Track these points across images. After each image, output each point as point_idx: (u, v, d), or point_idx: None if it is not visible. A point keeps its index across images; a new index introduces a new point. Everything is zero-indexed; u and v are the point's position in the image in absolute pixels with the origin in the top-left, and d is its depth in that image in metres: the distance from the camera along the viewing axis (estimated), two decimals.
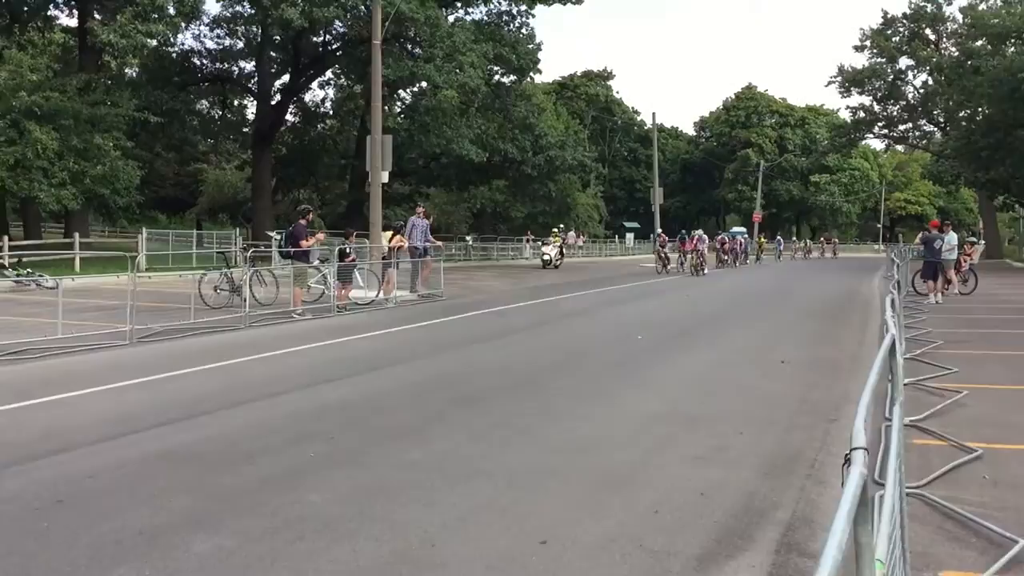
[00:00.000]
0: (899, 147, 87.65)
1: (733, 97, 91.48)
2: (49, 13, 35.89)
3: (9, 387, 8.81)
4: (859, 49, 59.11)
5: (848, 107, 65.31)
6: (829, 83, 60.85)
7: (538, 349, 12.96)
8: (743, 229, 66.14)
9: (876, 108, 61.60)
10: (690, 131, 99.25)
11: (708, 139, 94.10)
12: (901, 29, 57.07)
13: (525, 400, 8.75)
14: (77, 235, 27.72)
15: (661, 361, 11.63)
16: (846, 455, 2.01)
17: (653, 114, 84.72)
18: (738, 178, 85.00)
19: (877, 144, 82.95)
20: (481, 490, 5.73)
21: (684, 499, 5.55)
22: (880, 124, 62.76)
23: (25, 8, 33.68)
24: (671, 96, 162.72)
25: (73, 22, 35.14)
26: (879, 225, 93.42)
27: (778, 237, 56.33)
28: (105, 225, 48.82)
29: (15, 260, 21.91)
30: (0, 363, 10.34)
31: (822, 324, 16.76)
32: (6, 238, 25.40)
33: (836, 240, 72.40)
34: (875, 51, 58.20)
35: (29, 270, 21.37)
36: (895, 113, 61.54)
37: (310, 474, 6.05)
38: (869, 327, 16.03)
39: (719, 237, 46.71)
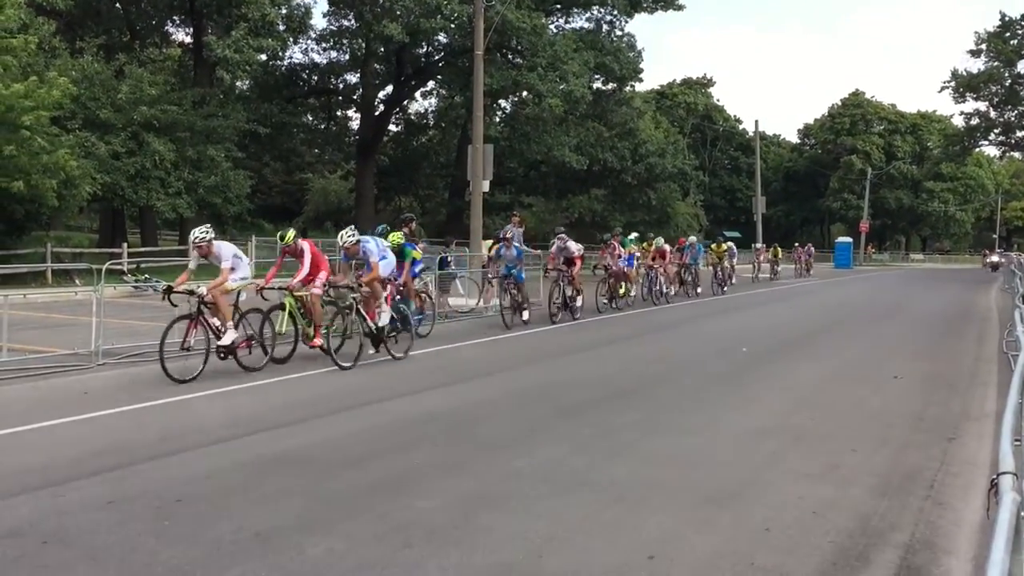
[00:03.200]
0: (1016, 154, 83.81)
1: (839, 103, 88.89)
2: (166, 30, 37.58)
3: (129, 389, 9.19)
4: (975, 54, 56.74)
5: (962, 113, 61.92)
6: (942, 88, 58.59)
7: (639, 360, 12.83)
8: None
9: (992, 114, 59.05)
10: (793, 139, 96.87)
11: (812, 147, 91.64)
12: (1020, 32, 54.59)
13: (628, 412, 8.66)
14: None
15: (766, 374, 11.37)
16: (992, 480, 1.90)
17: (756, 122, 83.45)
18: (843, 186, 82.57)
19: (992, 151, 79.57)
20: (587, 502, 5.69)
21: (795, 517, 5.40)
22: (997, 131, 60.14)
23: (143, 25, 35.28)
24: (774, 103, 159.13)
25: (188, 38, 36.66)
26: (995, 236, 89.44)
27: (691, 239, 27.93)
28: (216, 233, 50.49)
29: (133, 266, 22.87)
30: (121, 366, 10.79)
31: (935, 338, 16.13)
32: (125, 245, 26.57)
33: (812, 250, 47.16)
34: (992, 55, 55.79)
35: (146, 276, 22.27)
36: (1013, 119, 58.86)
37: (416, 481, 6.11)
38: (986, 342, 15.34)
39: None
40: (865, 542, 5.02)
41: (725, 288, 27.88)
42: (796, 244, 47.09)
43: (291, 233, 11.73)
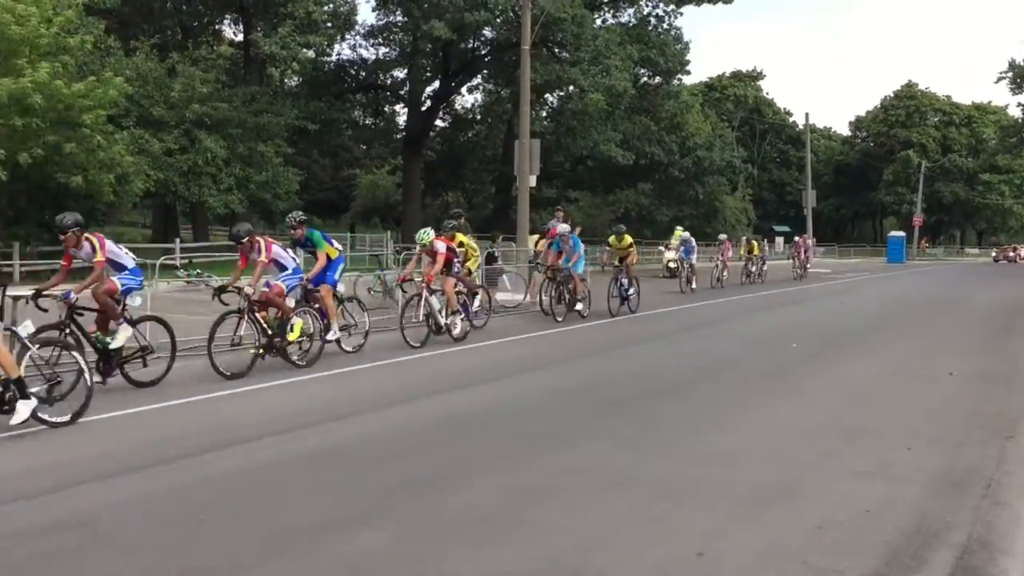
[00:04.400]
0: None
1: (892, 95, 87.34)
2: (217, 28, 38.14)
3: (181, 383, 9.33)
4: None
5: (1019, 104, 60.24)
6: (999, 79, 57.28)
7: (685, 356, 12.74)
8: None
9: None
10: (844, 131, 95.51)
11: (864, 139, 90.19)
12: None
13: (674, 408, 8.60)
14: None
15: (816, 370, 11.21)
16: None
17: (806, 115, 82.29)
18: (898, 180, 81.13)
19: None
20: (632, 499, 5.65)
21: (848, 516, 5.30)
22: None
23: (194, 24, 35.85)
24: (824, 96, 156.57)
25: (239, 36, 37.14)
26: None
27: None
28: (266, 228, 51.20)
29: (186, 261, 23.19)
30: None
31: (990, 334, 15.77)
32: (177, 240, 27.01)
33: (812, 243, 38.25)
34: None
35: (199, 271, 22.58)
36: None
37: (459, 477, 6.11)
38: None
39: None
40: (920, 542, 4.91)
41: (633, 304, 18.11)
42: (796, 237, 39.13)
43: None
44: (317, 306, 11.32)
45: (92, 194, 22.79)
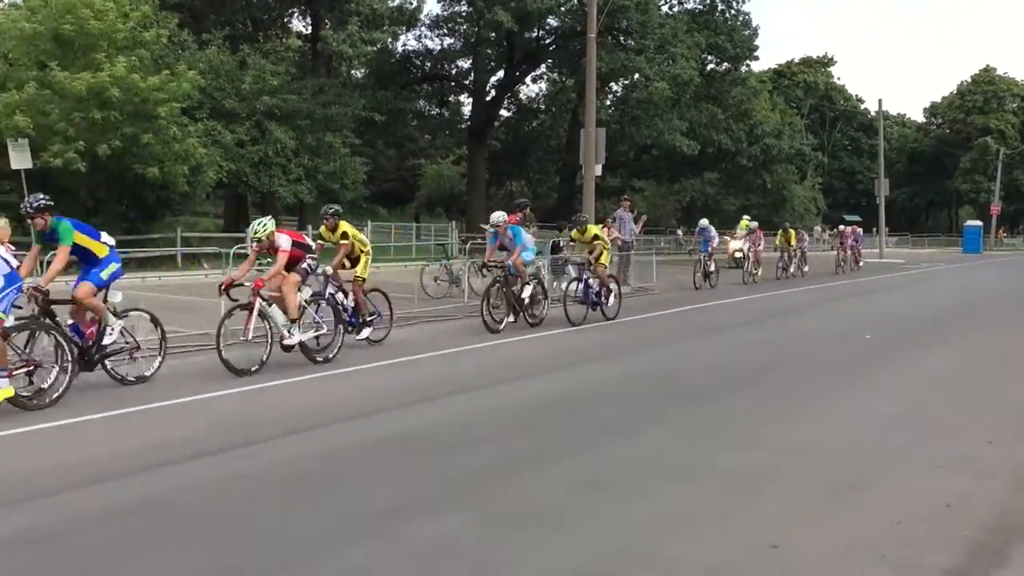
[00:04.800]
0: None
1: (969, 80, 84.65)
2: (285, 21, 38.74)
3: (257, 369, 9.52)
4: None
5: None
6: None
7: (756, 346, 12.54)
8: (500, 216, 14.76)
9: None
10: (918, 117, 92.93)
11: (940, 126, 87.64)
12: None
13: (745, 399, 8.48)
14: (310, 227, 29.63)
15: (893, 362, 10.94)
16: None
17: (879, 101, 79.89)
18: (975, 168, 78.67)
19: None
20: (703, 489, 5.58)
21: (928, 510, 5.17)
22: None
23: (265, 16, 36.48)
24: (898, 81, 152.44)
25: (307, 29, 37.69)
26: None
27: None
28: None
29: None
30: (247, 346, 11.08)
31: None
32: (248, 230, 27.60)
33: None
34: None
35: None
36: None
37: (527, 465, 6.11)
38: None
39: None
40: (1004, 537, 4.77)
41: (609, 308, 14.71)
42: (840, 226, 35.21)
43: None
44: (72, 322, 8.30)
45: (167, 184, 23.43)
